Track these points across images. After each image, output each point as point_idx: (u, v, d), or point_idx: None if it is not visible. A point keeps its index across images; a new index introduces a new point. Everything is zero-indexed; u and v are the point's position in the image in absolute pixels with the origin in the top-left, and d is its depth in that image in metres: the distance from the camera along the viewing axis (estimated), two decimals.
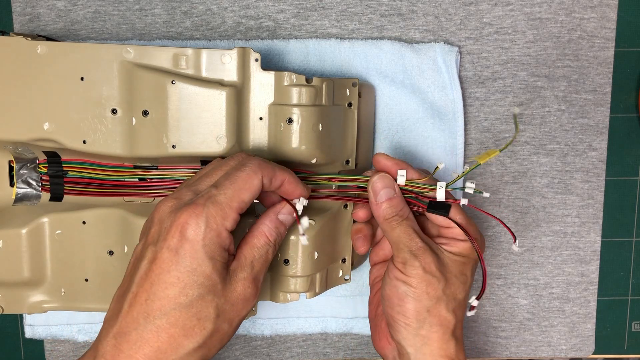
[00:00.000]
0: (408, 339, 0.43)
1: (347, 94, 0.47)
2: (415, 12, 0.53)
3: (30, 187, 0.47)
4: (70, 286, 0.46)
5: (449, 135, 0.53)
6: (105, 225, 0.46)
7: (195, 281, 0.36)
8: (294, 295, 0.46)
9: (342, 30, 0.53)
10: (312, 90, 0.44)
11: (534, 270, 0.56)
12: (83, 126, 0.44)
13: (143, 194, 0.47)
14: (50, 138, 0.44)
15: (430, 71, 0.52)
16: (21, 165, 0.47)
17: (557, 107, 0.54)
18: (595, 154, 0.55)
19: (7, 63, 0.43)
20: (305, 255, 0.45)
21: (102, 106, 0.44)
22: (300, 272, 0.45)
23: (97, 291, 0.46)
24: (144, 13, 0.52)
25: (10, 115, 0.44)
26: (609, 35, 0.53)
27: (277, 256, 0.45)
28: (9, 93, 0.43)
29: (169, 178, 0.47)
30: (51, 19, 0.52)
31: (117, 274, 0.46)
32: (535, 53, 0.53)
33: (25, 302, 0.46)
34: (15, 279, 0.46)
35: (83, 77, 0.43)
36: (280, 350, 0.57)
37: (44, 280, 0.46)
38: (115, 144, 0.44)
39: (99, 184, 0.46)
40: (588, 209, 0.55)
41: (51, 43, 0.43)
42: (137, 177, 0.47)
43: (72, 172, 0.46)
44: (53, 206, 0.46)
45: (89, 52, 0.43)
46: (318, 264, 0.46)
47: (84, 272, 0.46)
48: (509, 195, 0.55)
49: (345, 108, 0.47)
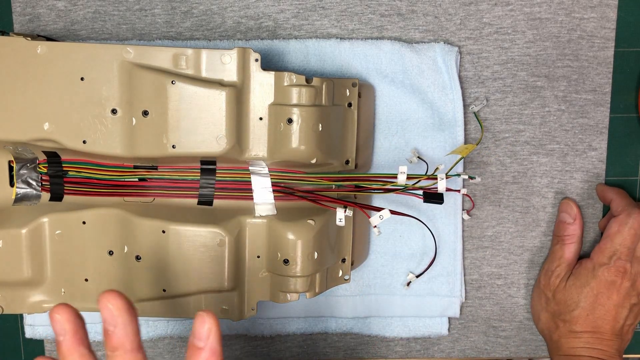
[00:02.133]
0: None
1: (347, 94, 0.47)
2: (415, 12, 0.53)
3: (30, 187, 0.47)
4: (70, 286, 0.46)
5: (449, 135, 0.53)
6: (105, 225, 0.46)
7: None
8: (293, 295, 0.46)
9: (342, 30, 0.53)
10: (312, 91, 0.44)
11: (535, 270, 0.56)
12: (83, 126, 0.44)
13: (143, 194, 0.47)
14: (50, 138, 0.44)
15: (430, 71, 0.52)
16: (21, 165, 0.47)
17: (557, 107, 0.54)
18: (595, 154, 0.55)
19: (7, 63, 0.43)
20: (305, 255, 0.45)
21: (102, 106, 0.44)
22: (300, 272, 0.45)
23: (97, 291, 0.46)
24: (144, 13, 0.52)
25: (10, 115, 0.44)
26: (608, 35, 0.53)
27: (277, 256, 0.45)
28: (9, 93, 0.43)
29: (169, 178, 0.47)
30: (51, 19, 0.52)
31: (117, 274, 0.46)
32: (535, 53, 0.53)
33: (25, 302, 0.46)
34: (15, 279, 0.46)
35: (83, 77, 0.43)
36: (280, 350, 0.56)
37: (43, 280, 0.46)
38: (115, 144, 0.44)
39: (98, 184, 0.46)
40: (588, 209, 0.55)
41: (51, 43, 0.43)
42: (137, 177, 0.47)
43: (72, 172, 0.46)
44: (53, 206, 0.46)
45: (89, 52, 0.43)
46: (318, 264, 0.46)
47: (84, 272, 0.46)
48: (509, 195, 0.55)
49: (345, 108, 0.47)
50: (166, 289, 0.45)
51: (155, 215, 0.45)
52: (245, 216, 0.46)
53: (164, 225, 0.45)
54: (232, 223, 0.45)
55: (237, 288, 0.46)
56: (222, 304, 0.46)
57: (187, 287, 0.45)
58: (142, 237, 0.45)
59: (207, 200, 0.47)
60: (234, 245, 0.45)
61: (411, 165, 0.53)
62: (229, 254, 0.45)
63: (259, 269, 0.47)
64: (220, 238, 0.45)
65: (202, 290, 0.46)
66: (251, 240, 0.46)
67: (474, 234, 0.55)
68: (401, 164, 0.49)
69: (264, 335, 0.56)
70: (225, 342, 0.56)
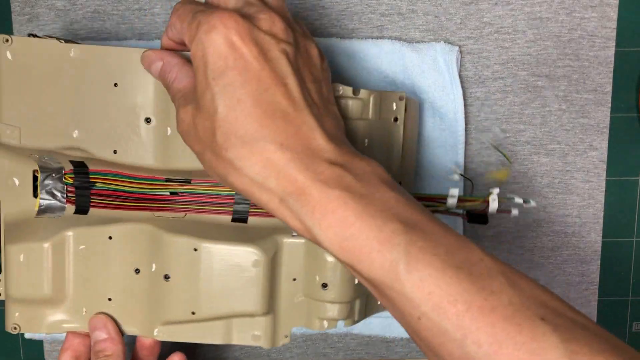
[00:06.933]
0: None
1: (394, 108, 0.45)
2: (416, 11, 0.52)
3: (55, 198, 0.44)
4: (92, 305, 0.44)
5: (449, 135, 0.53)
6: (132, 241, 0.43)
7: None
8: (331, 323, 0.43)
9: (342, 29, 0.53)
10: (359, 103, 0.42)
11: (535, 270, 0.56)
12: (114, 135, 0.41)
13: (174, 209, 0.45)
14: (79, 147, 0.41)
15: (430, 71, 0.52)
16: (46, 175, 0.44)
17: (558, 107, 0.54)
18: (596, 154, 0.55)
19: (37, 67, 0.41)
20: (345, 279, 0.42)
21: (136, 114, 0.41)
22: (339, 297, 0.42)
23: (120, 311, 0.44)
24: (143, 12, 0.52)
25: (38, 122, 0.41)
26: (609, 34, 0.53)
27: (315, 279, 0.43)
28: (39, 98, 0.41)
29: (203, 193, 0.44)
30: (50, 18, 0.52)
31: (143, 293, 0.43)
32: (536, 52, 0.53)
33: (43, 321, 0.44)
34: (34, 296, 0.43)
35: (117, 82, 0.41)
36: (280, 350, 0.56)
37: (64, 299, 0.44)
38: (147, 155, 0.41)
39: (127, 197, 0.44)
40: (588, 209, 0.55)
41: (85, 46, 0.41)
42: (168, 190, 0.44)
43: (100, 184, 0.44)
44: (78, 219, 0.44)
45: (125, 57, 0.40)
46: (358, 289, 0.43)
47: (108, 291, 0.44)
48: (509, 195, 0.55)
49: (392, 122, 0.45)
50: (195, 312, 0.43)
51: (186, 231, 0.42)
52: (282, 235, 0.43)
53: (195, 243, 0.42)
54: (268, 242, 0.43)
55: (270, 312, 0.44)
56: (254, 330, 0.43)
57: (218, 310, 0.43)
58: (171, 254, 0.42)
59: (241, 217, 0.45)
60: (269, 266, 0.42)
61: (450, 183, 0.51)
62: (264, 276, 0.42)
63: (294, 292, 0.44)
64: (256, 258, 0.42)
65: (233, 314, 0.43)
66: (287, 261, 0.43)
67: (474, 234, 0.55)
68: (451, 187, 0.46)
69: None
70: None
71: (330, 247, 0.33)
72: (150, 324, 0.44)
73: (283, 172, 0.33)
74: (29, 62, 0.41)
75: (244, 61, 0.34)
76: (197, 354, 0.56)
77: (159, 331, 0.44)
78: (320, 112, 0.36)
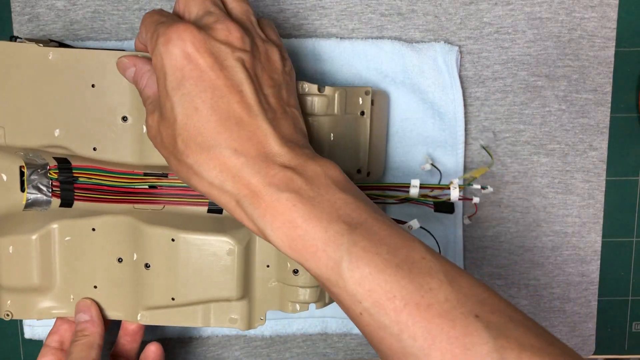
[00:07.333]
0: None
1: (360, 103, 0.47)
2: (415, 11, 0.52)
3: (41, 192, 0.47)
4: (79, 293, 0.46)
5: (449, 135, 0.53)
6: (114, 232, 0.45)
7: None
8: (303, 306, 0.46)
9: (342, 29, 0.53)
10: (324, 100, 0.44)
11: (535, 270, 0.56)
12: (93, 133, 0.44)
13: (153, 202, 0.47)
14: (60, 145, 0.44)
15: (430, 71, 0.52)
16: (32, 170, 0.47)
17: (558, 107, 0.54)
18: (596, 154, 0.55)
19: (18, 69, 0.43)
20: None
21: (113, 113, 0.43)
22: (309, 282, 0.45)
23: (106, 298, 0.46)
24: (143, 13, 0.52)
25: (21, 122, 0.43)
26: (609, 34, 0.53)
27: (287, 266, 0.45)
28: (21, 99, 0.43)
29: (179, 186, 0.47)
30: (50, 18, 0.52)
31: (126, 281, 0.46)
32: (536, 53, 0.53)
33: (34, 307, 0.46)
34: (24, 285, 0.46)
35: (94, 84, 0.43)
36: (280, 350, 0.56)
37: (53, 287, 0.46)
38: (125, 151, 0.44)
39: (108, 190, 0.46)
40: (588, 209, 0.55)
41: (62, 50, 0.43)
42: (147, 184, 0.47)
43: (82, 179, 0.46)
44: (63, 212, 0.46)
45: (101, 59, 0.43)
46: None
47: (93, 279, 0.46)
48: (509, 195, 0.55)
49: (358, 117, 0.47)
50: (175, 298, 0.45)
51: (164, 223, 0.45)
52: None
53: (173, 234, 0.44)
54: (242, 232, 0.45)
55: (246, 297, 0.46)
56: (231, 313, 0.46)
57: (196, 296, 0.45)
58: (151, 245, 0.45)
59: (217, 209, 0.47)
60: (244, 254, 0.45)
61: (424, 173, 0.53)
62: (238, 263, 0.45)
63: (268, 278, 0.46)
64: (230, 247, 0.44)
65: (211, 299, 0.45)
66: (261, 249, 0.46)
67: (474, 234, 0.55)
68: (413, 177, 0.49)
69: (264, 335, 0.56)
70: (225, 343, 0.56)
71: (281, 247, 0.35)
72: (134, 309, 0.46)
73: (238, 176, 0.35)
74: (10, 64, 0.43)
75: (199, 71, 0.35)
76: (197, 353, 0.56)
77: (142, 316, 0.46)
78: (276, 117, 0.37)
